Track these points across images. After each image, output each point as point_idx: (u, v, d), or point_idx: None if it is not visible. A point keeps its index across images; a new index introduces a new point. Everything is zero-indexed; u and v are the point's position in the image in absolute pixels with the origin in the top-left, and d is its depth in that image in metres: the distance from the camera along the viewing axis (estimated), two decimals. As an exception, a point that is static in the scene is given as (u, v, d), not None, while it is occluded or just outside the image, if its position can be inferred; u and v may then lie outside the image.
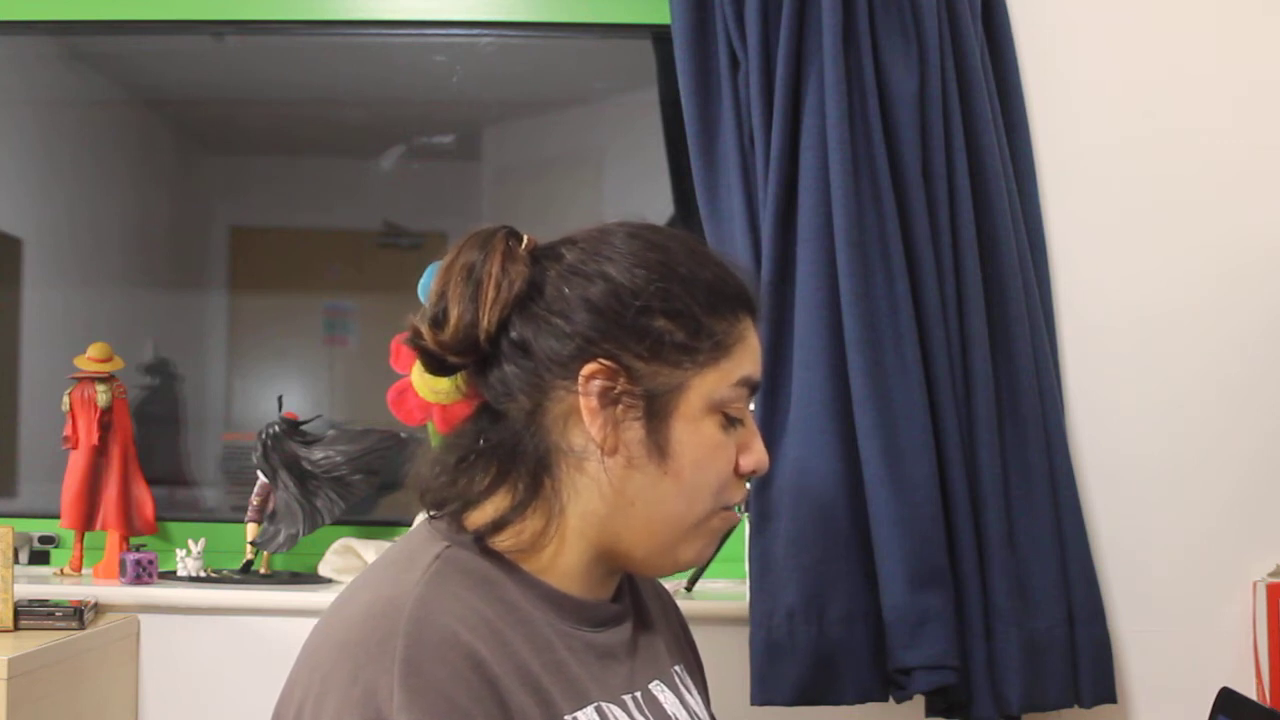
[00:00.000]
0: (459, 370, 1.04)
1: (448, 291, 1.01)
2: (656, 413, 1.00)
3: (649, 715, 1.05)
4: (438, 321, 1.01)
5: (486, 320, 1.00)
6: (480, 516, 1.02)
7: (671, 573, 1.09)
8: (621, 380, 0.99)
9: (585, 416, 0.99)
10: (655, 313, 1.00)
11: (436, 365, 1.03)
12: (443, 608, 0.92)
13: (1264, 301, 1.75)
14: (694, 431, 1.01)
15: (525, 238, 1.05)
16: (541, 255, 1.04)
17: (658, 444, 1.00)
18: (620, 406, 1.00)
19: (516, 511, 1.00)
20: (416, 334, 1.03)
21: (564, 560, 1.03)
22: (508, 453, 1.01)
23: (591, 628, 1.04)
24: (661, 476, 1.01)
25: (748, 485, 1.09)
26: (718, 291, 1.04)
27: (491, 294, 1.00)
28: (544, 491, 1.01)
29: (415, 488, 1.05)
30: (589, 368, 0.99)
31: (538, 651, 0.96)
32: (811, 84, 1.62)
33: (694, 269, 1.03)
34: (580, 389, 0.99)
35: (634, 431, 1.00)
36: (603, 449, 1.00)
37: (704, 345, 1.01)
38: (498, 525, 1.00)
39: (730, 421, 1.04)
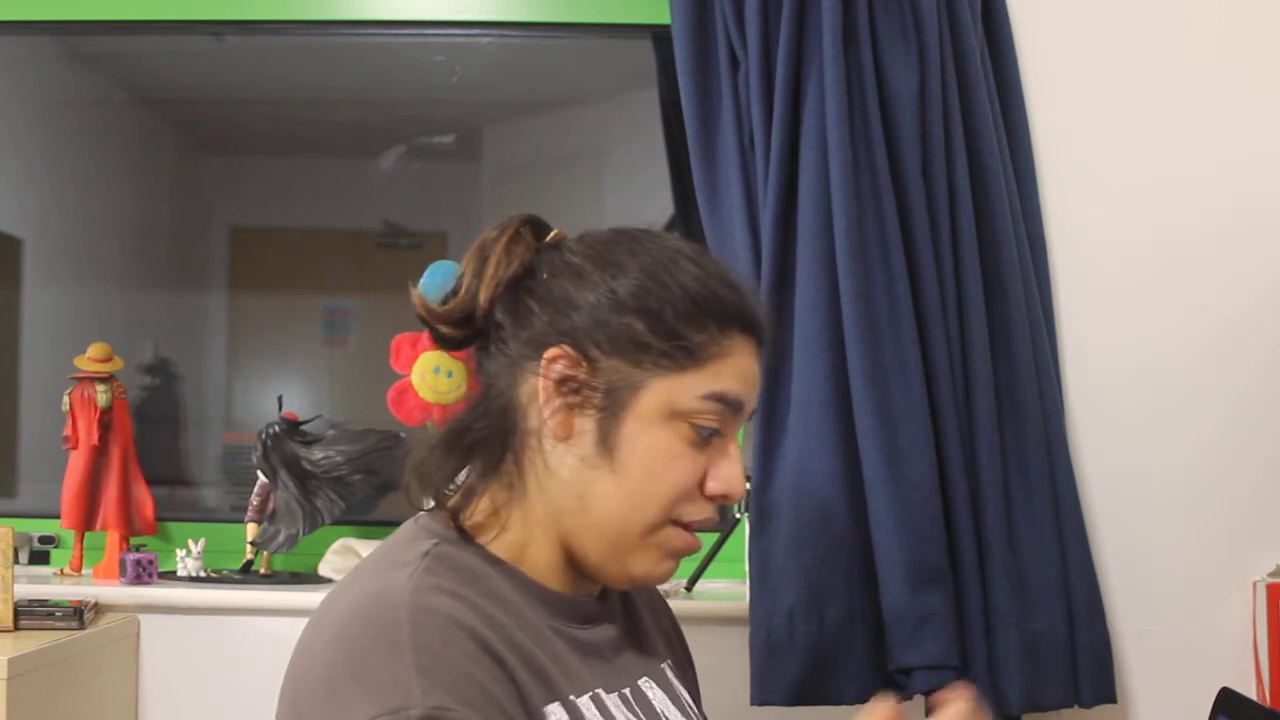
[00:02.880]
0: (460, 344, 1.07)
1: (467, 266, 1.05)
2: (609, 407, 1.00)
3: (639, 712, 1.05)
4: (454, 291, 1.05)
5: (483, 295, 1.03)
6: (456, 494, 1.03)
7: (626, 586, 1.07)
8: (583, 369, 1.00)
9: (541, 397, 1.01)
10: (626, 309, 1.01)
11: (435, 336, 1.07)
12: (439, 598, 0.93)
13: (1265, 301, 1.75)
14: (646, 434, 1.00)
15: (553, 230, 1.07)
16: (551, 246, 1.06)
17: (606, 438, 1.00)
18: (579, 396, 1.01)
19: (481, 481, 1.02)
20: (417, 304, 1.05)
21: (539, 554, 1.03)
22: (482, 430, 1.03)
23: (579, 624, 1.04)
24: (609, 474, 1.00)
25: (714, 508, 1.06)
26: (703, 302, 1.02)
27: (491, 269, 1.03)
28: (505, 466, 1.02)
29: (411, 472, 1.05)
30: (551, 351, 1.01)
31: (532, 639, 0.97)
32: (811, 84, 1.62)
33: (685, 278, 1.02)
34: (542, 371, 1.01)
35: (586, 421, 1.01)
36: (555, 434, 1.00)
37: (664, 346, 1.00)
38: (466, 494, 1.02)
39: (702, 435, 1.02)
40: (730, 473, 1.03)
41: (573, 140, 2.32)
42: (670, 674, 1.15)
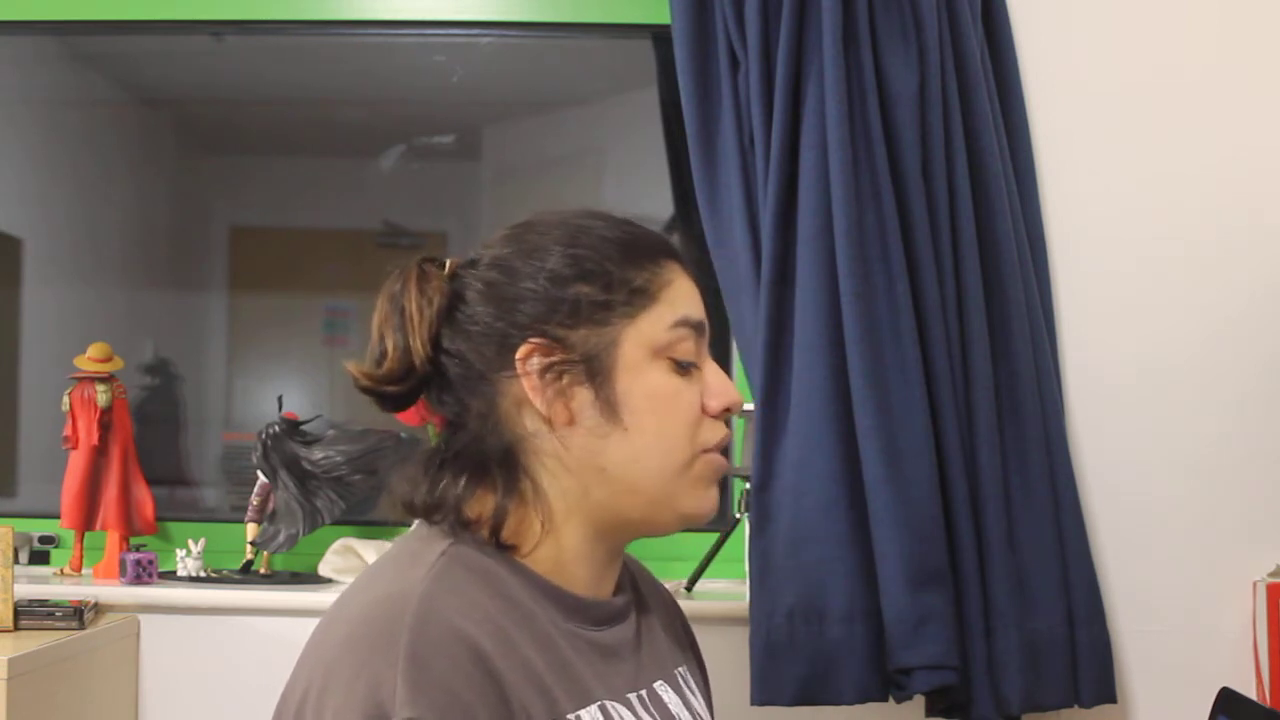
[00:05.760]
0: (407, 399, 1.06)
1: (383, 327, 1.05)
2: (597, 373, 1.01)
3: (654, 714, 1.05)
4: (379, 360, 1.04)
5: (417, 342, 1.03)
6: (472, 516, 1.02)
7: (679, 528, 1.07)
8: (556, 352, 1.01)
9: (530, 395, 1.01)
10: (567, 280, 1.02)
11: (380, 400, 1.06)
12: (448, 603, 0.93)
13: (1265, 301, 1.75)
14: (641, 381, 1.02)
15: (447, 262, 1.07)
16: (462, 270, 1.07)
17: (608, 402, 1.01)
18: (563, 379, 1.01)
19: (502, 509, 1.02)
20: (353, 378, 1.05)
21: (564, 549, 1.03)
22: (475, 456, 1.03)
23: (595, 626, 1.04)
24: (624, 435, 1.01)
25: (727, 426, 1.08)
26: (630, 245, 1.05)
27: (416, 316, 1.03)
28: (521, 485, 1.03)
29: (397, 502, 1.06)
30: (522, 350, 1.01)
31: (542, 649, 0.97)
32: (811, 84, 1.62)
33: (602, 232, 1.05)
34: (520, 372, 1.01)
35: (582, 396, 1.01)
36: (554, 424, 1.01)
37: (621, 296, 1.02)
38: (494, 526, 1.01)
39: (682, 366, 1.04)
40: (720, 384, 1.06)
41: (572, 140, 2.32)
42: (685, 678, 1.15)
